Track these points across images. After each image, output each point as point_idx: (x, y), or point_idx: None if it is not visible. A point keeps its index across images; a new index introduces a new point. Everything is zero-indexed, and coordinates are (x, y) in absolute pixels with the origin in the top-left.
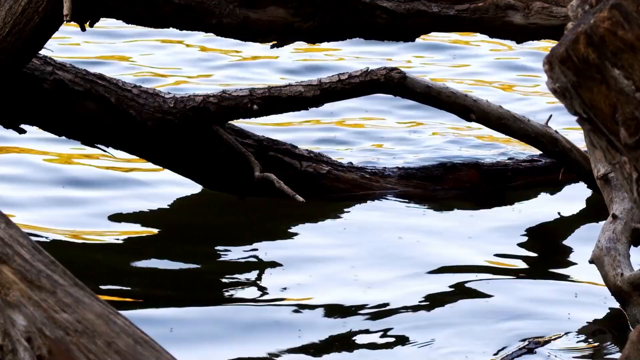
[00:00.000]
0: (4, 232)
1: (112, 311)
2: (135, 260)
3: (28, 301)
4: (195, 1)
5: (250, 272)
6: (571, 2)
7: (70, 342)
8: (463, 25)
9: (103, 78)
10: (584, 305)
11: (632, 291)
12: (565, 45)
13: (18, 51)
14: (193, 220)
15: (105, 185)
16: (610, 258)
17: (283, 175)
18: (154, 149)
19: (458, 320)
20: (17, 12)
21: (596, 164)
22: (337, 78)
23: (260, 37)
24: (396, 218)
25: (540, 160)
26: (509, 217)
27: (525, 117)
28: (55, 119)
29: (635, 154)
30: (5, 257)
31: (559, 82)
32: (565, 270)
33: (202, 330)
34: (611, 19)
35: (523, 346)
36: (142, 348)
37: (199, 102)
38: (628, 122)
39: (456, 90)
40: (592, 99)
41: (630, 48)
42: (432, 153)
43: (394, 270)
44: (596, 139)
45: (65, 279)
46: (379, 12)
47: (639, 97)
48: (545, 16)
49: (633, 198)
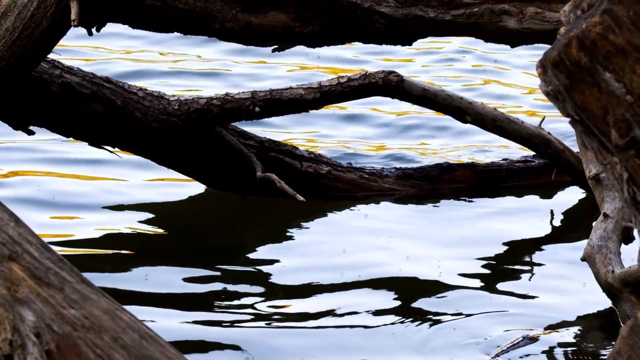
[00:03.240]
0: (14, 231)
1: (118, 307)
2: (136, 259)
3: (37, 297)
4: (199, 6)
5: (250, 271)
6: (564, 8)
7: (78, 337)
8: (459, 30)
9: (109, 81)
10: (576, 302)
11: (622, 288)
12: (558, 49)
13: (27, 55)
14: (194, 220)
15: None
16: (601, 256)
17: (284, 175)
18: (158, 150)
19: (451, 316)
20: (26, 17)
21: (588, 165)
22: (337, 81)
23: (261, 41)
24: (394, 217)
25: (533, 161)
26: (503, 215)
27: (519, 119)
28: (63, 120)
29: (626, 155)
30: (15, 255)
31: (552, 85)
32: (557, 267)
33: (202, 325)
34: (602, 24)
35: (517, 342)
36: (148, 343)
37: (202, 105)
38: (619, 123)
39: (452, 92)
40: (584, 101)
41: (621, 52)
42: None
43: (392, 268)
44: (588, 140)
45: (73, 276)
46: (378, 17)
47: (630, 99)
48: (539, 21)
49: (624, 197)
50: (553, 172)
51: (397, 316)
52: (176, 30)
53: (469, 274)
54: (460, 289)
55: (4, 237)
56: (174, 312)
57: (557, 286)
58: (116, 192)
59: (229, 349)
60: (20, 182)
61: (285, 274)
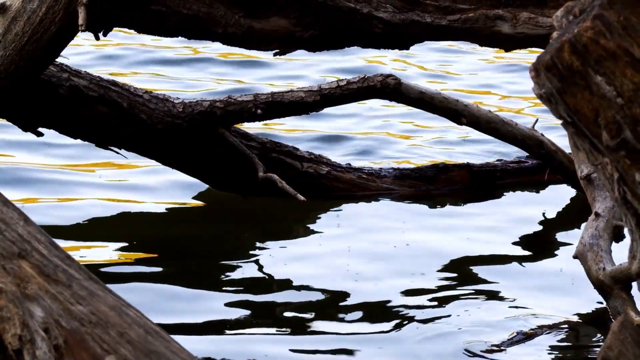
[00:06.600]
0: (23, 229)
1: (124, 303)
2: (135, 258)
3: (45, 294)
4: (203, 12)
5: (250, 269)
6: (556, 13)
7: (85, 332)
8: (454, 34)
9: (116, 84)
10: (568, 299)
11: (613, 285)
12: (550, 53)
13: (36, 59)
14: (196, 219)
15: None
16: (593, 253)
17: (285, 175)
18: (163, 151)
19: (447, 313)
20: (35, 22)
21: (580, 165)
22: (336, 84)
23: (263, 46)
24: (392, 216)
25: (527, 161)
26: (497, 215)
27: (513, 121)
28: (71, 122)
29: (617, 156)
30: (24, 253)
31: (545, 88)
32: (550, 265)
33: (200, 318)
34: (594, 29)
35: (510, 338)
36: (153, 338)
37: (206, 107)
38: (609, 125)
39: (448, 95)
40: (576, 104)
41: (612, 56)
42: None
43: (390, 266)
44: (580, 141)
45: (81, 273)
46: (376, 22)
47: (620, 102)
48: (532, 26)
49: (614, 197)
50: (546, 172)
51: (396, 315)
52: (180, 35)
53: (463, 272)
54: (454, 287)
55: (14, 235)
56: (173, 312)
57: (549, 283)
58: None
59: (228, 349)
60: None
61: (285, 273)
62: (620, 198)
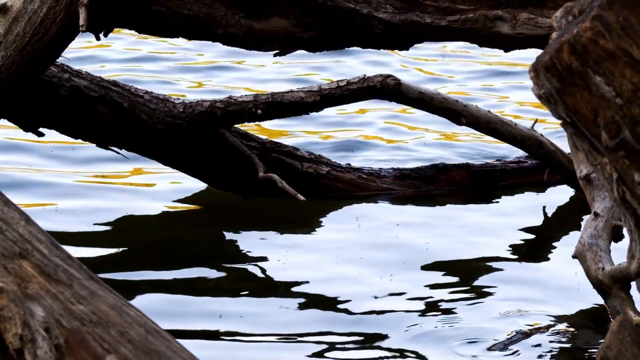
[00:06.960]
0: (24, 229)
1: (124, 303)
2: (135, 257)
3: (46, 294)
4: (203, 12)
5: (250, 270)
6: (555, 14)
7: (86, 332)
8: (454, 35)
9: (116, 84)
10: (567, 298)
11: (612, 284)
12: (550, 53)
13: (37, 59)
14: (195, 220)
15: (110, 187)
16: (592, 253)
17: (285, 175)
18: (164, 151)
19: (445, 312)
20: (36, 23)
21: (579, 165)
22: (336, 84)
23: (263, 46)
24: (391, 216)
25: (526, 161)
26: (497, 215)
27: (512, 121)
28: (71, 122)
29: (616, 156)
30: (25, 253)
31: (544, 89)
32: (549, 265)
33: (200, 316)
34: (593, 29)
35: (510, 337)
36: (154, 337)
37: (206, 107)
38: (609, 125)
39: (448, 95)
40: (575, 104)
41: (611, 56)
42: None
43: (390, 266)
44: (579, 141)
45: (81, 273)
46: (376, 22)
47: (619, 102)
48: (531, 26)
49: (613, 197)
50: (545, 172)
51: (397, 315)
52: (181, 36)
53: (462, 272)
54: (454, 286)
55: (15, 235)
56: (173, 314)
57: (549, 283)
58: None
59: (228, 349)
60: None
61: (285, 273)
62: (619, 198)
